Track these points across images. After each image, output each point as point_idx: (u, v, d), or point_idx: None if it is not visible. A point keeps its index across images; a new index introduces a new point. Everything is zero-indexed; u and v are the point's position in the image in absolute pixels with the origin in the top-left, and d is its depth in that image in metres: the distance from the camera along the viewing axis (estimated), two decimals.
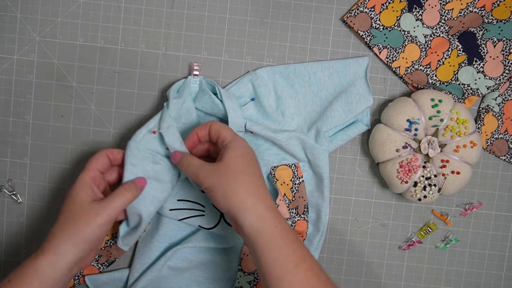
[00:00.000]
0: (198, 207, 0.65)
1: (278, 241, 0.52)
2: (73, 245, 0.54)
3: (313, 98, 0.66)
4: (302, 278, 0.51)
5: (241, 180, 0.54)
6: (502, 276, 0.71)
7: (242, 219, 0.53)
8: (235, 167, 0.54)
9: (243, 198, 0.53)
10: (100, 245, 0.62)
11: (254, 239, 0.53)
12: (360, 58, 0.66)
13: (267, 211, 0.53)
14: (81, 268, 0.58)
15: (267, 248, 0.52)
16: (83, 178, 0.57)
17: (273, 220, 0.53)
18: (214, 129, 0.58)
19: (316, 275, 0.52)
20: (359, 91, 0.65)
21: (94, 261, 0.67)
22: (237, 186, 0.54)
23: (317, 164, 0.65)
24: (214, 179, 0.54)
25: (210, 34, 0.67)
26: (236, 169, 0.54)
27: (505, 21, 0.64)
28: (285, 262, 0.51)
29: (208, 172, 0.55)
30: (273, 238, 0.52)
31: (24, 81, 0.67)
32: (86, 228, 0.54)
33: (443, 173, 0.63)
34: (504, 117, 0.67)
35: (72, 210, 0.55)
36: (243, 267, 0.67)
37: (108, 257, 0.67)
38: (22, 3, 0.66)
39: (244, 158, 0.55)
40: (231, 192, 0.53)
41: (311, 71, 0.66)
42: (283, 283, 0.51)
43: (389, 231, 0.70)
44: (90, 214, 0.54)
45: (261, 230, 0.52)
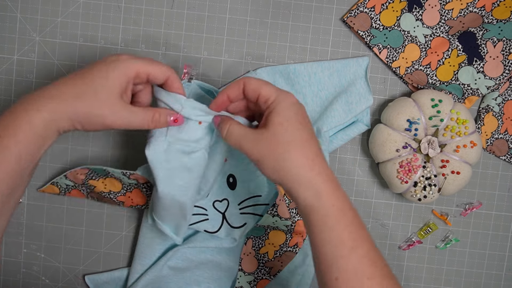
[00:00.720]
0: (202, 211, 0.64)
1: (332, 221, 0.47)
2: (71, 121, 0.48)
3: (313, 98, 0.66)
4: (356, 266, 0.46)
5: (293, 151, 0.47)
6: (502, 276, 0.71)
7: (295, 194, 0.48)
8: (284, 134, 0.47)
9: (297, 171, 0.47)
10: None
11: (307, 216, 0.48)
12: (360, 58, 0.66)
13: (324, 185, 0.47)
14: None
15: (320, 228, 0.47)
16: (131, 68, 0.49)
17: (329, 198, 0.47)
18: (252, 89, 0.49)
19: (372, 263, 0.46)
20: (359, 91, 0.65)
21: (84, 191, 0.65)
22: (288, 158, 0.47)
23: None
24: (260, 150, 0.47)
25: (210, 34, 0.67)
26: (285, 137, 0.47)
27: (505, 21, 0.64)
28: (338, 245, 0.46)
29: (253, 141, 0.48)
30: (327, 218, 0.47)
31: (24, 81, 0.67)
32: (95, 119, 0.48)
33: (443, 173, 0.64)
34: (504, 117, 0.67)
35: (97, 88, 0.48)
36: (243, 267, 0.67)
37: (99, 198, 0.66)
38: (22, 3, 0.66)
39: (293, 121, 0.48)
40: (282, 165, 0.47)
41: (311, 71, 0.66)
42: (333, 268, 0.46)
43: (389, 231, 0.70)
44: (109, 109, 0.48)
45: (316, 208, 0.47)
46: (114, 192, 0.64)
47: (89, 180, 0.64)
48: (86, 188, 0.65)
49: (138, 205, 0.65)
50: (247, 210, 0.65)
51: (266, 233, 0.66)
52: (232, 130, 0.50)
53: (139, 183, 0.63)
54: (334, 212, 0.47)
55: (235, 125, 0.50)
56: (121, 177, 0.62)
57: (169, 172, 0.54)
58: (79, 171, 0.63)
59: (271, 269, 0.67)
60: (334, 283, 0.46)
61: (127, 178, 0.62)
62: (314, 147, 0.49)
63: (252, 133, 0.49)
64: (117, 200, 0.65)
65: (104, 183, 0.64)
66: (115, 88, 0.48)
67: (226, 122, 0.50)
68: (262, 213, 0.66)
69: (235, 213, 0.65)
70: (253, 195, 0.65)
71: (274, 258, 0.67)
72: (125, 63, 0.49)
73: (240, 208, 0.65)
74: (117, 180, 0.63)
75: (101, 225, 0.69)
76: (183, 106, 0.52)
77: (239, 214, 0.65)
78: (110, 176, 0.63)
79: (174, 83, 0.51)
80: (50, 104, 0.48)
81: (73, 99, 0.48)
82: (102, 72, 0.49)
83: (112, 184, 0.64)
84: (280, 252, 0.66)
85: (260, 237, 0.67)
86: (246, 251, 0.67)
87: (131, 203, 0.65)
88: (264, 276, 0.67)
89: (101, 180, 0.64)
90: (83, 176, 0.63)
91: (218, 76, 0.67)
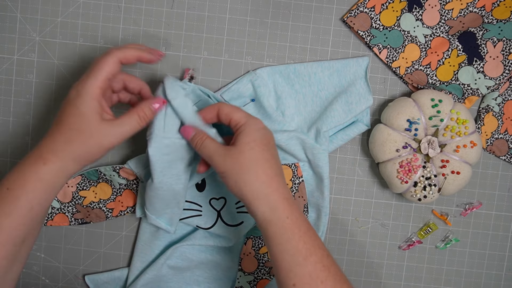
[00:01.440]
0: (196, 207, 0.65)
1: (288, 233, 0.51)
2: (77, 162, 0.52)
3: (313, 98, 0.66)
4: (311, 271, 0.50)
5: (255, 168, 0.52)
6: (502, 276, 0.71)
7: (254, 209, 0.52)
8: (249, 153, 0.53)
9: (256, 187, 0.52)
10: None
11: (265, 229, 0.52)
12: (360, 58, 0.66)
13: (279, 201, 0.52)
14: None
15: (277, 240, 0.51)
16: (92, 90, 0.51)
17: (284, 212, 0.52)
18: (225, 113, 0.55)
19: (326, 268, 0.51)
20: (359, 91, 0.65)
21: (69, 213, 0.66)
22: (249, 175, 0.52)
23: (317, 164, 0.65)
24: (227, 165, 0.53)
25: (210, 34, 0.67)
26: (249, 155, 0.52)
27: (505, 21, 0.64)
28: (294, 254, 0.51)
29: (222, 156, 0.53)
30: (283, 230, 0.51)
31: (24, 81, 0.67)
32: (94, 150, 0.52)
33: (443, 173, 0.64)
34: (504, 117, 0.67)
35: (79, 126, 0.51)
36: (243, 267, 0.67)
37: (85, 217, 0.67)
38: (22, 3, 0.66)
39: (258, 142, 0.53)
40: (244, 181, 0.52)
41: (311, 71, 0.66)
42: (291, 275, 0.50)
43: (389, 231, 0.70)
44: (100, 136, 0.52)
45: (272, 221, 0.52)
46: (103, 200, 0.65)
47: (80, 191, 0.65)
48: (73, 206, 0.66)
49: (128, 207, 0.66)
50: (244, 209, 0.65)
51: None
52: (206, 144, 0.54)
53: (129, 181, 0.64)
54: (289, 225, 0.52)
55: (209, 140, 0.55)
56: (112, 177, 0.64)
57: (168, 164, 0.57)
58: (70, 183, 0.64)
59: (271, 269, 0.67)
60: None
61: (117, 177, 0.63)
62: (275, 167, 0.54)
63: (223, 149, 0.54)
64: (106, 208, 0.66)
65: (95, 192, 0.65)
66: (92, 116, 0.52)
67: (201, 136, 0.55)
68: None
69: (231, 211, 0.65)
70: None
71: None
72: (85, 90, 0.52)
73: (237, 207, 0.65)
74: (107, 184, 0.65)
75: (101, 225, 0.69)
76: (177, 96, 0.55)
77: (236, 213, 0.65)
78: (101, 181, 0.65)
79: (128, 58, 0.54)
80: (53, 157, 0.52)
81: (68, 145, 0.52)
82: (73, 110, 0.52)
83: (102, 191, 0.65)
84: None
85: (260, 237, 0.67)
86: (246, 251, 0.67)
87: (121, 208, 0.66)
88: (264, 276, 0.67)
89: (92, 189, 0.65)
90: (74, 188, 0.65)
91: (218, 76, 0.67)
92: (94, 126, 0.52)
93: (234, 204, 0.65)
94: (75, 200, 0.65)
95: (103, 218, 0.66)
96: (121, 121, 0.53)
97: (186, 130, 0.56)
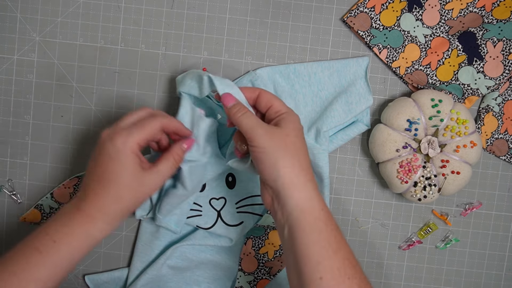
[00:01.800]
0: (196, 207, 0.65)
1: (321, 224, 0.50)
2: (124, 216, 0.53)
3: (313, 98, 0.66)
4: (340, 266, 0.49)
5: (298, 154, 0.51)
6: (502, 276, 0.71)
7: (287, 195, 0.50)
8: (295, 139, 0.51)
9: (295, 172, 0.50)
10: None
11: (295, 219, 0.50)
12: (360, 58, 0.66)
13: (315, 192, 0.51)
14: None
15: (309, 230, 0.49)
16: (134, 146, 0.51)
17: (320, 203, 0.51)
18: (267, 98, 0.54)
19: (352, 265, 0.50)
20: (359, 91, 0.65)
21: None
22: (293, 159, 0.50)
23: (317, 164, 0.65)
24: (270, 141, 0.50)
25: (210, 34, 0.67)
26: (295, 141, 0.51)
27: (505, 21, 0.64)
28: (325, 247, 0.49)
29: (266, 131, 0.51)
30: (318, 221, 0.50)
31: (24, 81, 0.67)
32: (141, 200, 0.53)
33: (443, 173, 0.63)
34: (504, 117, 0.67)
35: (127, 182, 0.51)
36: (243, 267, 0.67)
37: None
38: (22, 3, 0.66)
39: (301, 133, 0.53)
40: (285, 163, 0.50)
41: (311, 71, 0.66)
42: (320, 267, 0.48)
43: (389, 231, 0.70)
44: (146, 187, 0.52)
45: (306, 210, 0.50)
46: None
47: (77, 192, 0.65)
48: None
49: None
50: (244, 209, 0.65)
51: (266, 233, 0.66)
52: (248, 115, 0.52)
53: None
54: (324, 216, 0.50)
55: (250, 113, 0.53)
56: None
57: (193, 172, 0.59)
58: (66, 184, 0.65)
59: (271, 269, 0.67)
60: (318, 282, 0.48)
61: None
62: (309, 160, 0.54)
63: (266, 125, 0.52)
64: None
65: None
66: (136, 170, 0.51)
67: (242, 107, 0.53)
68: (261, 213, 0.66)
69: (231, 211, 0.65)
70: (251, 195, 0.65)
71: (274, 258, 0.67)
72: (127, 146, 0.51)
73: (237, 207, 0.65)
74: None
75: None
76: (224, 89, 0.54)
77: (236, 213, 0.65)
78: None
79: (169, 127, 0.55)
80: (103, 216, 0.51)
81: (119, 203, 0.52)
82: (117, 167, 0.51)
83: None
84: (280, 252, 0.66)
85: (260, 237, 0.67)
86: (246, 251, 0.67)
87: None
88: (264, 276, 0.67)
89: None
90: (71, 189, 0.65)
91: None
92: (139, 180, 0.52)
93: (234, 204, 0.65)
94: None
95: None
96: (159, 167, 0.53)
97: (228, 97, 0.53)
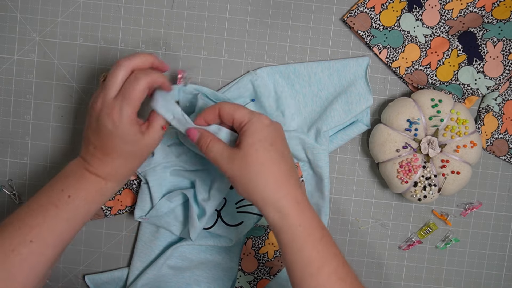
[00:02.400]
0: None
1: (301, 241, 0.48)
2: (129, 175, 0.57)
3: (313, 98, 0.66)
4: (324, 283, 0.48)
5: (263, 173, 0.49)
6: (502, 276, 0.71)
7: (264, 214, 0.50)
8: (255, 156, 0.49)
9: (265, 192, 0.49)
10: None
11: (276, 235, 0.50)
12: (360, 58, 0.66)
13: (290, 207, 0.49)
14: None
15: (289, 248, 0.49)
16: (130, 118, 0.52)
17: (296, 218, 0.49)
18: (226, 112, 0.52)
19: (341, 279, 0.48)
20: (359, 91, 0.65)
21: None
22: (258, 181, 0.49)
23: (317, 164, 0.65)
24: (234, 170, 0.50)
25: (210, 34, 0.67)
26: (256, 159, 0.49)
27: (505, 21, 0.64)
28: (306, 265, 0.48)
29: (229, 160, 0.50)
30: (295, 237, 0.48)
31: (24, 81, 0.67)
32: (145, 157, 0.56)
33: (443, 173, 0.63)
34: (504, 117, 0.67)
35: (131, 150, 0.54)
36: (243, 267, 0.67)
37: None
38: (22, 3, 0.66)
39: (264, 142, 0.50)
40: (252, 187, 0.49)
41: (311, 71, 0.66)
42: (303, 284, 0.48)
43: (389, 231, 0.70)
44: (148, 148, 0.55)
45: (283, 229, 0.49)
46: None
47: None
48: None
49: (126, 207, 0.66)
50: (244, 209, 0.65)
51: (266, 233, 0.66)
52: (211, 147, 0.52)
53: (130, 181, 0.65)
54: (301, 233, 0.49)
55: (215, 143, 0.52)
56: None
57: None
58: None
59: (271, 269, 0.67)
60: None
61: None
62: (285, 167, 0.51)
63: (228, 152, 0.51)
64: (105, 206, 0.66)
65: None
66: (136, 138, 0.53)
67: (205, 139, 0.53)
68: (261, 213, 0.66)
69: (231, 211, 0.65)
70: None
71: (274, 258, 0.67)
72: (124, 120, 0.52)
73: (237, 207, 0.65)
74: None
75: (101, 225, 0.69)
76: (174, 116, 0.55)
77: (236, 213, 0.65)
78: None
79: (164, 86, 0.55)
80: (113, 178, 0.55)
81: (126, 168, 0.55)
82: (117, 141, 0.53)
83: None
84: (279, 252, 0.66)
85: (260, 237, 0.67)
86: (246, 251, 0.67)
87: (120, 207, 0.66)
88: (264, 276, 0.67)
89: None
90: None
91: (218, 76, 0.67)
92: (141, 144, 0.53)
93: (234, 204, 0.65)
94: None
95: (102, 216, 0.66)
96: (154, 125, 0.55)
97: (192, 132, 0.54)
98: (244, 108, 0.52)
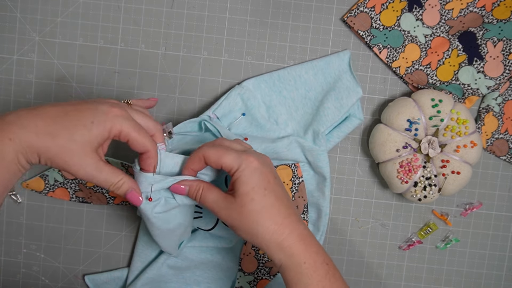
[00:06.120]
0: (196, 209, 0.64)
1: (306, 279, 0.49)
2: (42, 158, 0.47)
3: (303, 100, 0.66)
4: None
5: (262, 220, 0.49)
6: (503, 277, 0.71)
7: (269, 256, 0.50)
8: (251, 205, 0.49)
9: (266, 237, 0.50)
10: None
11: (282, 274, 0.51)
12: (341, 53, 0.66)
13: (294, 246, 0.50)
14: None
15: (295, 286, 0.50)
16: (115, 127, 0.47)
17: (300, 257, 0.50)
18: (213, 161, 0.50)
19: None
20: (346, 85, 0.65)
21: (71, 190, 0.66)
22: (258, 228, 0.50)
23: (317, 165, 0.65)
24: (234, 220, 0.50)
25: (210, 34, 0.67)
26: (252, 208, 0.49)
27: (505, 21, 0.64)
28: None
29: (225, 210, 0.50)
30: (300, 275, 0.49)
31: (24, 81, 0.67)
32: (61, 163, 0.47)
33: (443, 173, 0.63)
34: (505, 117, 0.67)
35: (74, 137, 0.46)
36: (243, 267, 0.67)
37: (87, 197, 0.66)
38: (22, 3, 0.66)
39: (257, 189, 0.50)
40: (254, 234, 0.50)
41: (296, 74, 0.66)
42: None
43: (389, 231, 0.70)
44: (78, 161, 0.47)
45: (288, 267, 0.50)
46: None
47: None
48: (76, 184, 0.65)
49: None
50: None
51: None
52: (204, 197, 0.51)
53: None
54: (306, 270, 0.49)
55: (207, 192, 0.51)
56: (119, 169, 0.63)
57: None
58: None
59: (271, 269, 0.67)
60: None
61: (125, 170, 0.63)
62: (283, 207, 0.51)
63: (224, 201, 0.50)
64: (109, 195, 0.65)
65: None
66: (93, 142, 0.47)
67: (197, 186, 0.52)
68: None
69: None
70: None
71: None
72: (113, 121, 0.47)
73: None
74: None
75: (101, 225, 0.69)
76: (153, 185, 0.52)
77: None
78: None
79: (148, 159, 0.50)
80: (22, 135, 0.45)
81: (46, 137, 0.46)
82: (87, 121, 0.47)
83: None
84: None
85: None
86: (246, 251, 0.67)
87: (123, 199, 0.65)
88: (264, 276, 0.67)
89: None
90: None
91: (218, 76, 0.67)
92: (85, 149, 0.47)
93: None
94: (79, 179, 0.65)
95: (104, 202, 0.66)
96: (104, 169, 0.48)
97: (177, 188, 0.52)
98: (229, 153, 0.50)
